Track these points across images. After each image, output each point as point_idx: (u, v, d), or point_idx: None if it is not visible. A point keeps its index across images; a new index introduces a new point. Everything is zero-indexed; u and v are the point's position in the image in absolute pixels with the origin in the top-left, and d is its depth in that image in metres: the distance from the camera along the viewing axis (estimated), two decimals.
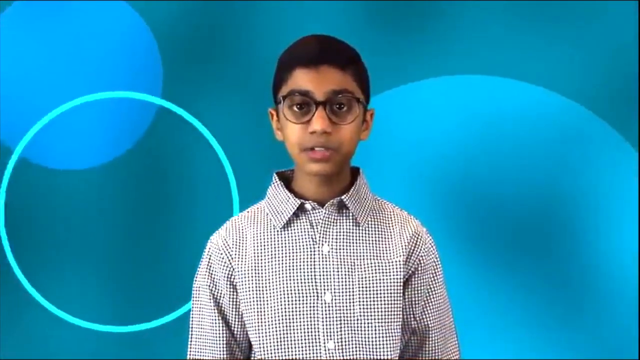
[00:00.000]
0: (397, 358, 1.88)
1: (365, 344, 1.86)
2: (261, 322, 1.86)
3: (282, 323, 1.85)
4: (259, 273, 1.88)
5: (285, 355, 1.85)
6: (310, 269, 1.86)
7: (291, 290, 1.86)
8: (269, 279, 1.87)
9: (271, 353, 1.85)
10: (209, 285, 1.91)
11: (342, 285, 1.86)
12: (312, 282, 1.86)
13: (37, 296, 3.13)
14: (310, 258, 1.87)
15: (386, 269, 1.88)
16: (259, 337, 1.86)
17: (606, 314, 3.10)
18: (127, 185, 3.13)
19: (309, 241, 1.88)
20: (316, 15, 3.09)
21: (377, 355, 1.86)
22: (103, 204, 3.14)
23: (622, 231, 3.10)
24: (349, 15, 3.11)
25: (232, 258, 1.90)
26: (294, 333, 1.85)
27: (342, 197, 1.88)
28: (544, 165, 3.11)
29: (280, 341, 1.85)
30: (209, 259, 1.92)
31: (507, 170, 3.11)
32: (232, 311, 1.90)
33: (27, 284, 3.13)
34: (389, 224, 1.92)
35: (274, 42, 2.13)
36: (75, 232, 3.15)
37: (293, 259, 1.87)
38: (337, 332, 1.85)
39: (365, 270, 1.87)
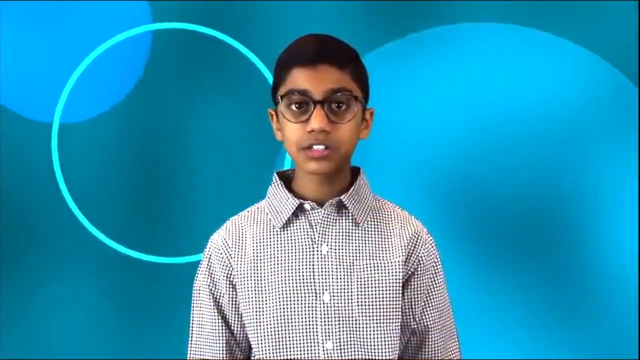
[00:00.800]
0: (396, 358, 1.88)
1: (364, 344, 1.85)
2: (260, 322, 1.86)
3: (281, 323, 1.85)
4: (258, 273, 1.88)
5: (283, 356, 1.84)
6: (309, 269, 1.86)
7: (290, 290, 1.86)
8: (268, 279, 1.87)
9: (270, 353, 1.85)
10: (209, 285, 1.91)
11: (341, 285, 1.86)
12: (310, 282, 1.86)
13: (95, 232, 3.15)
14: (309, 258, 1.87)
15: (385, 269, 1.88)
16: (258, 337, 1.86)
17: (606, 314, 3.10)
18: (146, 116, 3.18)
19: (308, 241, 1.87)
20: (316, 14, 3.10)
21: (375, 355, 1.85)
22: (132, 137, 3.16)
23: (622, 231, 3.10)
24: (348, 15, 3.12)
25: (231, 257, 1.90)
26: (292, 333, 1.85)
27: (341, 197, 1.88)
28: (544, 165, 3.11)
29: (279, 341, 1.85)
30: (209, 258, 1.92)
31: (507, 169, 3.11)
32: (232, 311, 1.90)
33: (87, 223, 3.15)
34: (389, 223, 1.92)
35: None
36: (118, 169, 3.17)
37: (292, 259, 1.87)
38: (335, 332, 1.85)
39: (363, 271, 1.87)
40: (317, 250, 1.87)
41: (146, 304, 3.14)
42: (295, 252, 1.87)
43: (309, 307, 1.85)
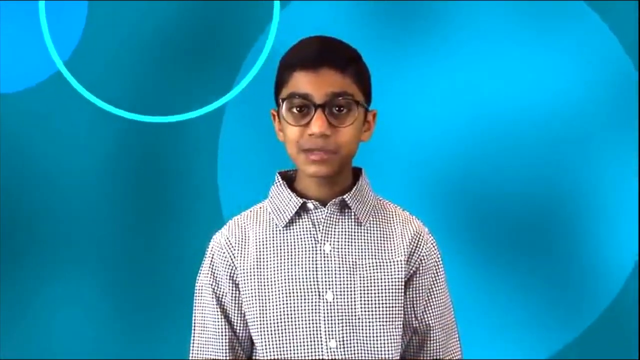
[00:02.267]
0: (398, 357, 1.88)
1: (367, 343, 1.86)
2: (263, 321, 1.87)
3: (284, 322, 1.86)
4: (261, 272, 1.88)
5: (287, 355, 1.85)
6: (312, 268, 1.87)
7: (293, 289, 1.86)
8: (271, 278, 1.87)
9: (273, 352, 1.86)
10: (212, 284, 1.92)
11: (344, 284, 1.86)
12: (313, 282, 1.86)
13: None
14: (312, 257, 1.87)
15: (387, 269, 1.89)
16: (261, 336, 1.87)
17: (606, 314, 3.10)
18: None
19: (311, 240, 1.88)
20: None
21: (378, 354, 1.86)
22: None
23: (622, 231, 3.11)
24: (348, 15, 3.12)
25: (234, 257, 1.90)
26: (295, 332, 1.85)
27: (344, 196, 1.88)
28: (544, 164, 3.11)
29: (282, 340, 1.86)
30: (212, 257, 1.93)
31: (507, 169, 3.11)
32: (235, 310, 1.90)
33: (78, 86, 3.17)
34: (390, 223, 1.93)
35: None
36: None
37: (295, 258, 1.87)
38: (338, 331, 1.85)
39: (366, 270, 1.88)
40: (320, 250, 1.87)
41: (146, 304, 3.14)
42: (298, 252, 1.88)
43: (312, 306, 1.85)
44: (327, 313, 1.85)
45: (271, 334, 1.86)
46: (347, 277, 1.87)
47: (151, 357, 3.10)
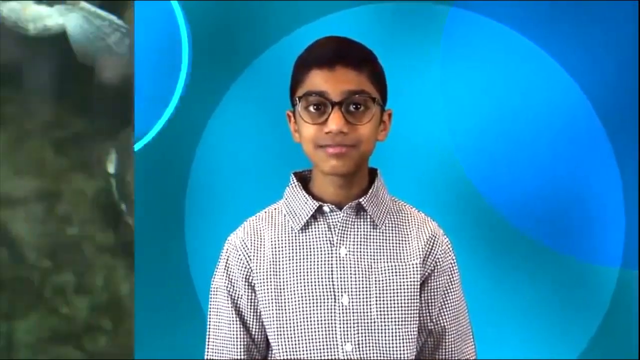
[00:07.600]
0: (413, 359, 1.88)
1: (383, 346, 1.86)
2: (280, 324, 1.86)
3: (300, 326, 1.85)
4: (277, 274, 1.88)
5: (303, 357, 1.85)
6: (328, 271, 1.86)
7: (309, 292, 1.86)
8: (287, 281, 1.87)
9: (290, 354, 1.86)
10: (227, 286, 1.91)
11: (360, 287, 1.86)
12: (329, 285, 1.86)
13: None
14: (328, 261, 1.87)
15: (403, 271, 1.88)
16: (278, 338, 1.87)
17: (606, 313, 3.11)
18: None
19: (327, 244, 1.88)
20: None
21: (394, 356, 1.86)
22: None
23: (622, 231, 3.11)
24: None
25: (250, 259, 1.90)
26: (311, 336, 1.85)
27: (360, 199, 1.88)
28: (546, 165, 3.11)
29: (299, 343, 1.85)
30: (227, 260, 1.92)
31: (522, 171, 3.11)
32: (250, 312, 1.90)
33: None
34: (406, 225, 1.92)
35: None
36: None
37: (310, 262, 1.87)
38: (354, 334, 1.85)
39: (382, 273, 1.88)
40: (336, 253, 1.87)
41: (158, 305, 3.13)
42: (314, 255, 1.87)
43: (327, 309, 1.85)
44: (343, 316, 1.85)
45: (287, 337, 1.86)
46: (362, 281, 1.86)
47: (154, 357, 3.09)
